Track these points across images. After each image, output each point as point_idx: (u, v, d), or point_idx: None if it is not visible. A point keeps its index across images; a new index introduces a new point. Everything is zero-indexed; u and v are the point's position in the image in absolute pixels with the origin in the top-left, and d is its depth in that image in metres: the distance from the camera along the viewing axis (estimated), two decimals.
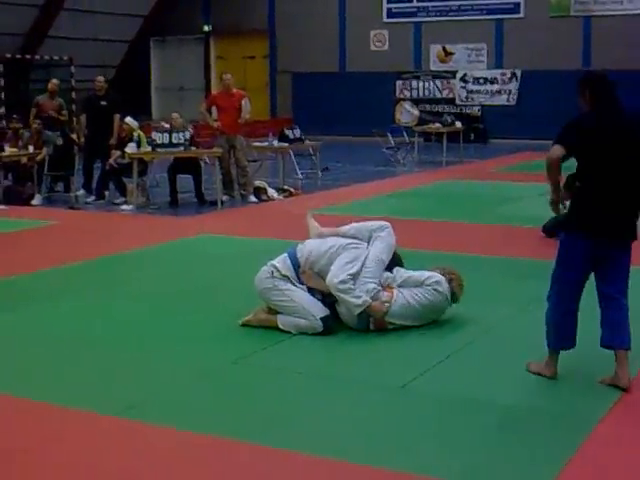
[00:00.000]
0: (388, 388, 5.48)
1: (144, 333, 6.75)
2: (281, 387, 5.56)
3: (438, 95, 29.52)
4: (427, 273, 6.83)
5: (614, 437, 4.74)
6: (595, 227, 5.28)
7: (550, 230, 9.80)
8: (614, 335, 5.37)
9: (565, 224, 5.47)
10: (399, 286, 6.72)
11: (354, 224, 7.13)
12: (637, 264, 5.65)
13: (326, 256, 6.72)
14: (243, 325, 6.79)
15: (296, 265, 6.77)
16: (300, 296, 6.63)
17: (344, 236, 6.97)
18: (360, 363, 6.02)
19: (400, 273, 6.84)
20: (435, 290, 6.72)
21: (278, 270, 6.74)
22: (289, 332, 6.58)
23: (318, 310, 6.57)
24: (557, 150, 5.19)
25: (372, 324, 6.61)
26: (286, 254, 6.88)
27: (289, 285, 6.69)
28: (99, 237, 11.18)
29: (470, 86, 29.08)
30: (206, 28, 32.89)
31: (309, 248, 6.85)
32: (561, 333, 5.46)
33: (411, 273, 6.86)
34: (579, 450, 4.51)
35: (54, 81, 16.45)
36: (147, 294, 8.05)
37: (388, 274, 6.80)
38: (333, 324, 6.60)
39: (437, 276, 6.79)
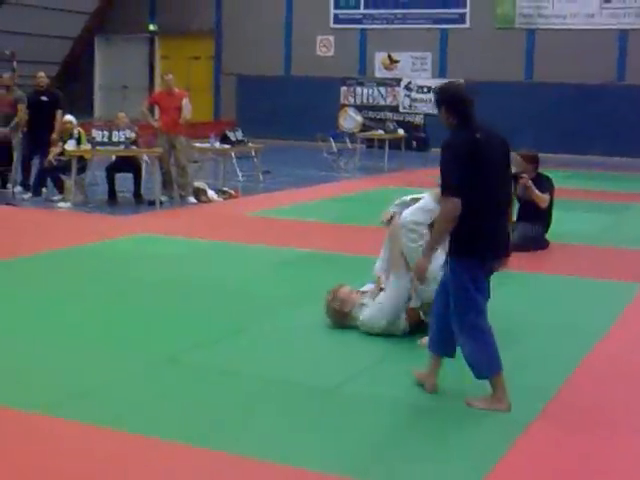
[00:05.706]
0: (320, 390, 5.48)
1: (78, 331, 6.68)
2: (211, 388, 5.51)
3: (382, 102, 29.63)
4: None
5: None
6: (490, 249, 5.22)
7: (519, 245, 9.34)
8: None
9: (457, 251, 5.20)
10: None
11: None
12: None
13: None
14: None
15: None
16: None
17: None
18: (295, 364, 6.02)
19: None
20: None
21: None
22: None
23: None
24: (457, 205, 4.96)
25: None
26: None
27: None
28: (35, 234, 11.03)
29: (414, 94, 29.23)
30: (152, 27, 32.69)
31: None
32: (496, 352, 5.23)
33: None
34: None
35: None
36: (82, 292, 7.95)
37: None
38: None
39: None
